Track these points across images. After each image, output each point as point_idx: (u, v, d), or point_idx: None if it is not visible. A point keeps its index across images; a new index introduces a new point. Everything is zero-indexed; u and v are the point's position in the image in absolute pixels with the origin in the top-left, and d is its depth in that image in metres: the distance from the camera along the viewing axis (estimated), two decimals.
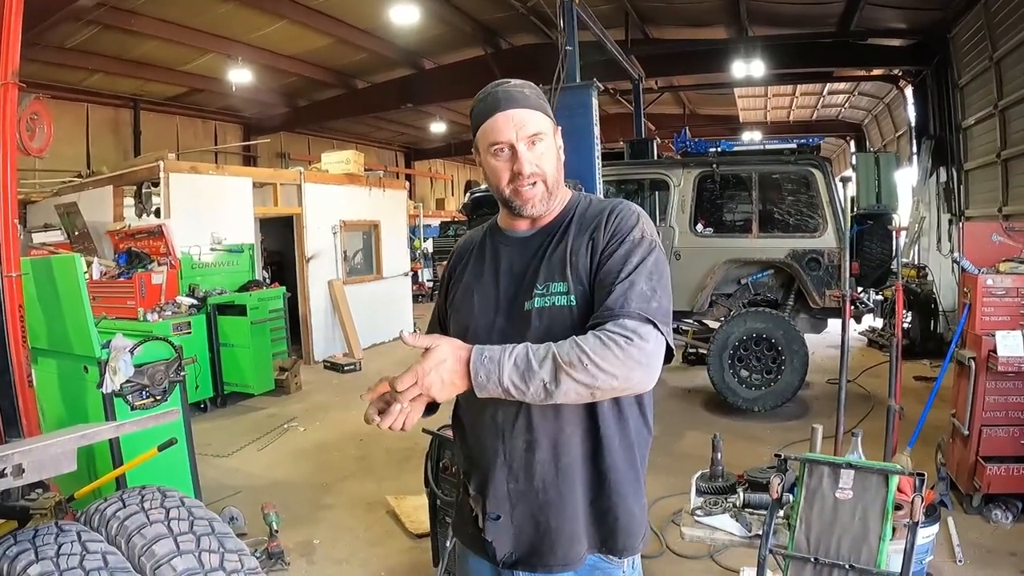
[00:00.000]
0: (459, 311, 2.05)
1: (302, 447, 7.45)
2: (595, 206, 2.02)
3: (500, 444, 1.93)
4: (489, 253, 2.07)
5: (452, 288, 2.14)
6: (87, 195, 10.60)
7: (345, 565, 4.83)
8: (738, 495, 3.19)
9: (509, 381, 1.68)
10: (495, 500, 1.96)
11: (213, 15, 11.83)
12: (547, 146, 1.93)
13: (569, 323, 1.84)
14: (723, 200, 9.01)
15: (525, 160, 1.89)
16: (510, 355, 1.70)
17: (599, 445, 1.91)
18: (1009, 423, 5.06)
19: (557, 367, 1.67)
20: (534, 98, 1.94)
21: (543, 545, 1.94)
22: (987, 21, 9.46)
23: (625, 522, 1.95)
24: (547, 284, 1.90)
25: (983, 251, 5.53)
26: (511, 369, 1.69)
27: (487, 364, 1.69)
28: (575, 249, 1.91)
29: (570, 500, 1.92)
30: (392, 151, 26.33)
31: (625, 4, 11.89)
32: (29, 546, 2.35)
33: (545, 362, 1.68)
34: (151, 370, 4.81)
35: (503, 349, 1.72)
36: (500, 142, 1.90)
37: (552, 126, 1.97)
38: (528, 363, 1.69)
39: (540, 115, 1.93)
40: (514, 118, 1.89)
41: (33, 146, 4.18)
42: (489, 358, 1.70)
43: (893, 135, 17.40)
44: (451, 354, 1.70)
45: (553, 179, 1.94)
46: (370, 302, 13.01)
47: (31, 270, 4.45)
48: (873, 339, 11.74)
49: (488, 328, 1.95)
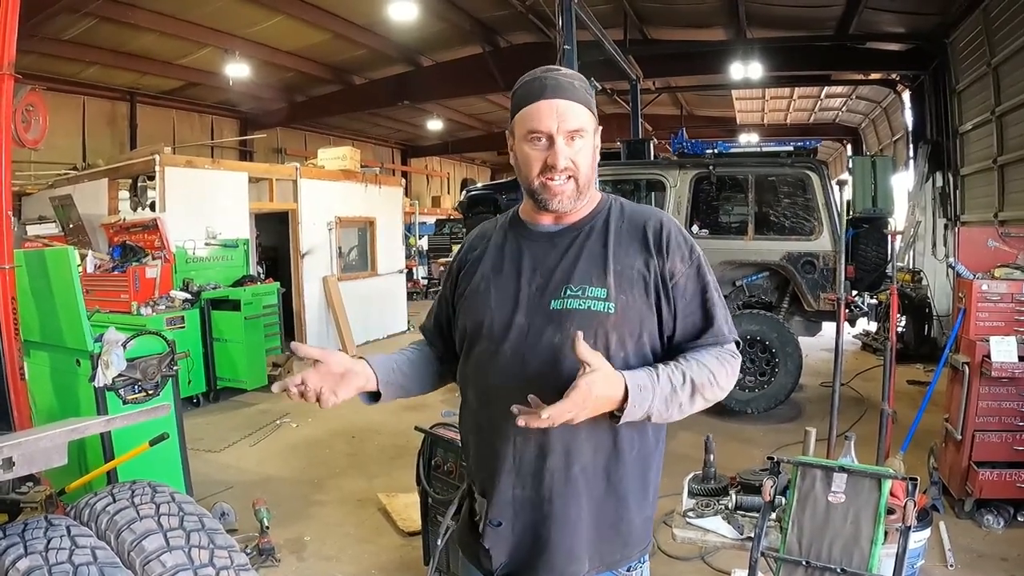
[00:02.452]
0: (473, 304, 1.98)
1: (294, 443, 7.44)
2: (631, 214, 1.98)
3: (511, 448, 1.87)
4: (510, 246, 2.00)
5: (463, 280, 2.06)
6: (82, 188, 10.57)
7: (335, 562, 4.82)
8: (730, 497, 3.19)
9: (655, 408, 1.72)
10: (498, 506, 1.91)
11: (211, 9, 11.78)
12: (586, 143, 1.87)
13: (605, 329, 1.82)
14: (719, 202, 9.03)
15: (561, 154, 1.82)
16: (657, 381, 1.73)
17: (614, 455, 1.88)
18: (1002, 428, 5.07)
19: (694, 389, 1.77)
20: (582, 92, 1.88)
21: (539, 560, 1.89)
22: (985, 27, 9.47)
23: (625, 534, 1.92)
24: (583, 286, 1.84)
25: (978, 256, 5.54)
26: (660, 396, 1.73)
27: (642, 392, 1.70)
28: (617, 257, 1.87)
29: (574, 512, 1.86)
30: (389, 148, 26.29)
31: (624, 4, 11.88)
32: (18, 540, 2.34)
33: (685, 386, 1.76)
34: (144, 364, 4.80)
35: (649, 375, 1.74)
36: (539, 131, 1.83)
37: (594, 124, 1.91)
38: (673, 387, 1.75)
39: (585, 111, 1.87)
40: (558, 108, 1.82)
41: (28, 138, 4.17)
42: (642, 387, 1.70)
43: (890, 139, 17.41)
44: (610, 381, 1.67)
45: (586, 177, 1.88)
46: (364, 299, 13.02)
47: (25, 262, 4.43)
48: (867, 343, 11.77)
49: (506, 324, 1.89)
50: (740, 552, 3.05)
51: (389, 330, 13.76)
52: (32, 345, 4.80)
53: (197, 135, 17.87)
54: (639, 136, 11.89)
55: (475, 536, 1.99)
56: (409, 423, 4.88)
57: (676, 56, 14.03)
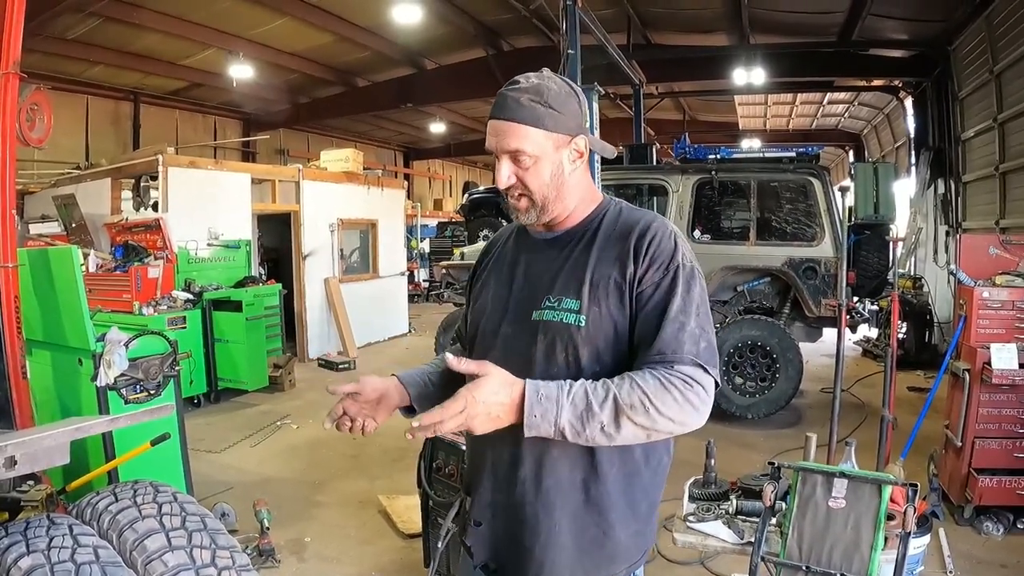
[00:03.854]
0: (474, 312, 2.01)
1: (295, 444, 7.44)
2: (625, 219, 1.88)
3: (490, 452, 1.90)
4: (511, 254, 2.00)
5: (475, 287, 2.08)
6: (85, 187, 10.58)
7: (336, 563, 4.82)
8: (731, 502, 3.19)
9: (566, 421, 1.60)
10: (479, 507, 1.95)
11: (215, 10, 11.80)
12: (538, 162, 1.78)
13: (573, 344, 1.77)
14: (721, 207, 9.04)
15: (500, 174, 1.80)
16: (568, 393, 1.62)
17: (592, 471, 1.82)
18: (1002, 435, 5.07)
19: (618, 410, 1.61)
20: (530, 109, 1.75)
21: (517, 563, 1.88)
22: (988, 34, 9.48)
23: (610, 549, 1.86)
24: (560, 297, 1.80)
25: (979, 263, 5.55)
26: (569, 409, 1.60)
27: (543, 403, 1.60)
28: (597, 267, 1.80)
29: (547, 524, 1.83)
30: (391, 150, 26.30)
31: (627, 9, 11.89)
32: (20, 538, 2.35)
33: (606, 404, 1.61)
34: (146, 364, 4.81)
35: (559, 387, 1.63)
36: (490, 148, 1.81)
37: (550, 142, 1.79)
38: (588, 404, 1.61)
39: (530, 130, 1.76)
40: (498, 129, 1.78)
41: (33, 137, 4.17)
42: (546, 396, 1.61)
43: (892, 146, 17.41)
44: (503, 387, 1.61)
45: (541, 195, 1.81)
46: (366, 301, 13.03)
47: (28, 261, 4.44)
48: (868, 349, 11.77)
49: (493, 333, 1.90)
50: (740, 557, 3.05)
51: (390, 332, 13.77)
52: (34, 344, 4.80)
53: (200, 136, 17.89)
54: (642, 141, 11.90)
55: (462, 532, 2.04)
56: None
57: (679, 61, 14.05)
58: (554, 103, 1.77)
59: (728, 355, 7.83)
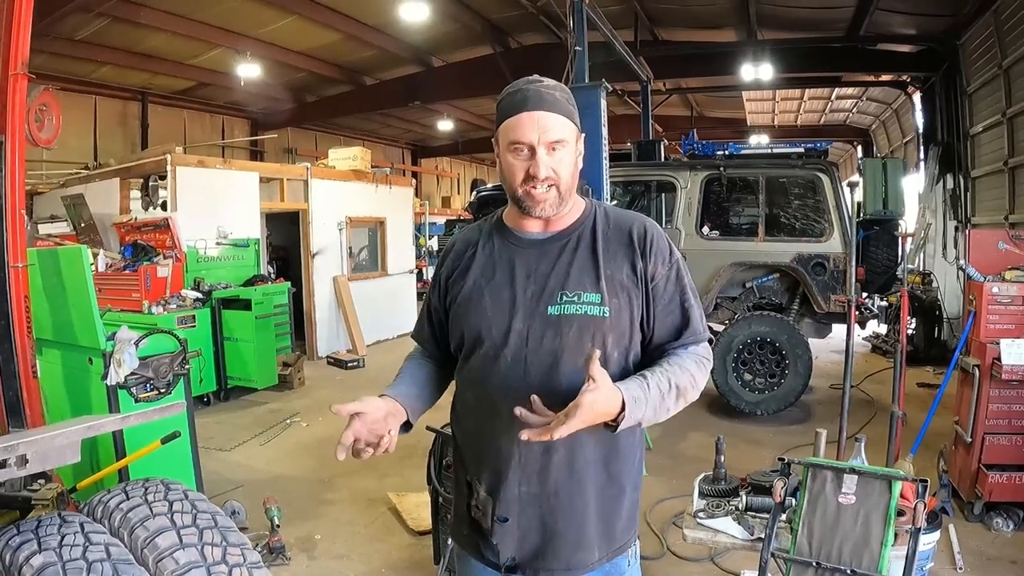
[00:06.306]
0: (468, 313, 2.01)
1: (304, 442, 7.46)
2: (619, 220, 2.04)
3: (515, 447, 1.90)
4: (500, 253, 2.03)
5: (452, 286, 2.09)
6: (94, 187, 10.62)
7: (346, 560, 4.84)
8: (741, 498, 3.19)
9: (646, 415, 1.79)
10: (505, 503, 1.95)
11: (222, 9, 11.83)
12: (567, 152, 1.91)
13: (602, 332, 1.90)
14: (729, 203, 9.01)
15: (542, 164, 1.87)
16: (648, 391, 1.79)
17: (613, 447, 1.96)
18: (1012, 431, 5.05)
19: (679, 394, 1.86)
20: (564, 103, 1.92)
21: (547, 549, 1.96)
22: (997, 29, 9.44)
23: (626, 519, 2.03)
24: (578, 293, 1.91)
25: (989, 259, 5.51)
26: (651, 405, 1.79)
27: (636, 405, 1.76)
28: (607, 263, 1.95)
29: (580, 504, 1.94)
30: (399, 148, 26.31)
31: (635, 5, 11.87)
32: (32, 536, 2.36)
33: (671, 392, 1.84)
34: (155, 363, 4.83)
35: (640, 387, 1.79)
36: (521, 142, 1.88)
37: (576, 133, 1.95)
38: (661, 396, 1.82)
39: (566, 121, 1.91)
40: (540, 121, 1.87)
41: (41, 137, 4.18)
42: (636, 399, 1.76)
43: (900, 141, 17.35)
44: (614, 395, 1.72)
45: (567, 185, 1.93)
46: (374, 299, 13.03)
47: (37, 261, 4.46)
48: (877, 345, 11.74)
49: (505, 330, 1.93)
50: (750, 553, 3.06)
51: (399, 330, 13.77)
52: (44, 343, 4.82)
53: (208, 135, 17.94)
54: (650, 137, 11.88)
55: (475, 530, 2.04)
56: (420, 422, 4.89)
57: (687, 57, 14.00)
58: (572, 101, 1.97)
59: (737, 351, 7.80)
